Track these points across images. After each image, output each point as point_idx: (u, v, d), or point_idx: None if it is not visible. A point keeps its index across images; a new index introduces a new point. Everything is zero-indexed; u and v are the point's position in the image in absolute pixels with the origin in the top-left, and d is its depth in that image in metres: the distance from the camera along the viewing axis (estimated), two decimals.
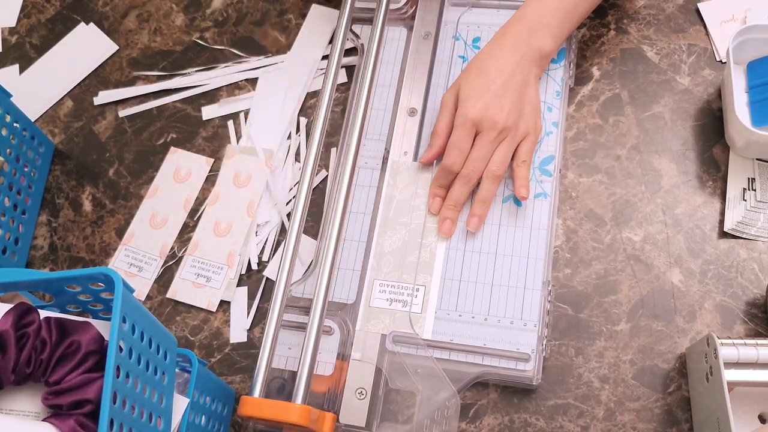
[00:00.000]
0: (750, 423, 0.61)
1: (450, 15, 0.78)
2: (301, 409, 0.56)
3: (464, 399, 0.65)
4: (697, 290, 0.67)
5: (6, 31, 0.88)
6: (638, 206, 0.71)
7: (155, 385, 0.52)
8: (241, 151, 0.78)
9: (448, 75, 0.76)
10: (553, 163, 0.70)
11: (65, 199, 0.79)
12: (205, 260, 0.73)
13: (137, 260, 0.74)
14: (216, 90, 0.81)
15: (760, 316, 0.65)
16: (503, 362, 0.64)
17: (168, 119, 0.81)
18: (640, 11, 0.79)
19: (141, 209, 0.77)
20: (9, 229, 0.73)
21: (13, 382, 0.49)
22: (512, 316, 0.65)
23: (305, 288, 0.69)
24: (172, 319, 0.72)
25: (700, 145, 0.72)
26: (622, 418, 0.63)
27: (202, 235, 0.74)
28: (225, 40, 0.84)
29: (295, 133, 0.78)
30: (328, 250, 0.62)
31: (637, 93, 0.75)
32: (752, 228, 0.68)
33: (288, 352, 0.66)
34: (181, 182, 0.77)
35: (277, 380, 0.66)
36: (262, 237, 0.74)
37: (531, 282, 0.66)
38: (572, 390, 0.65)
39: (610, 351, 0.66)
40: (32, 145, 0.77)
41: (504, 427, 0.64)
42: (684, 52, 0.76)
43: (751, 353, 0.58)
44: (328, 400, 0.64)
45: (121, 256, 0.75)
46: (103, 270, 0.49)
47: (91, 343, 0.50)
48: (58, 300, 0.55)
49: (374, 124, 0.75)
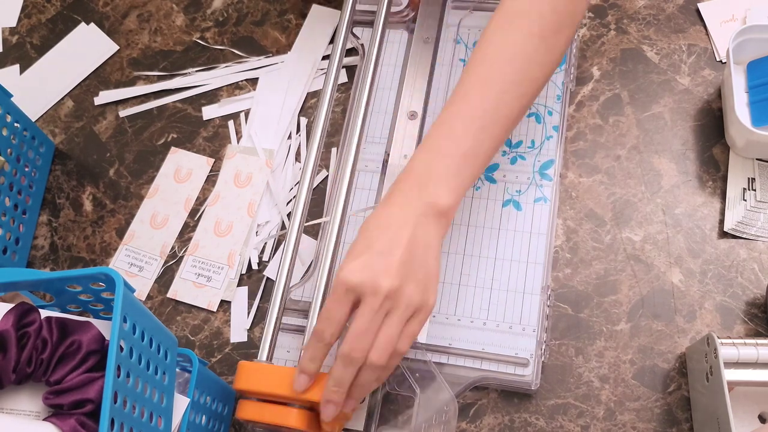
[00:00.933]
0: (750, 423, 0.61)
1: (451, 18, 0.78)
2: (299, 412, 0.56)
3: (464, 399, 0.65)
4: (697, 290, 0.67)
5: (6, 31, 0.89)
6: (638, 206, 0.71)
7: (156, 385, 0.52)
8: (241, 151, 0.78)
9: (449, 78, 0.76)
10: (553, 167, 0.70)
11: (66, 199, 0.79)
12: (206, 260, 0.73)
13: (138, 260, 0.74)
14: (216, 90, 0.82)
15: (760, 316, 0.65)
16: (502, 367, 0.64)
17: (168, 119, 0.81)
18: (640, 11, 0.79)
19: (141, 209, 0.77)
20: (9, 229, 0.73)
21: (14, 382, 0.50)
22: (511, 321, 0.65)
23: (304, 291, 0.69)
24: (172, 318, 0.72)
25: (700, 145, 0.72)
26: (622, 418, 0.63)
27: (202, 235, 0.74)
28: (225, 40, 0.84)
29: (296, 133, 0.78)
30: (328, 252, 0.62)
31: (637, 93, 0.75)
32: (752, 228, 0.68)
33: (287, 356, 0.66)
34: (182, 182, 0.77)
35: None
36: (262, 237, 0.74)
37: (530, 286, 0.66)
38: (572, 390, 0.65)
39: (610, 351, 0.66)
40: (33, 145, 0.78)
41: (504, 426, 0.64)
42: (684, 52, 0.76)
43: (751, 353, 0.58)
44: None
45: (121, 255, 0.75)
46: (103, 270, 0.49)
47: (91, 343, 0.50)
48: (59, 300, 0.55)
49: (374, 127, 0.75)
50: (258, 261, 0.73)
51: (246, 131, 0.79)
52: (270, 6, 0.85)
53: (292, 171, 0.76)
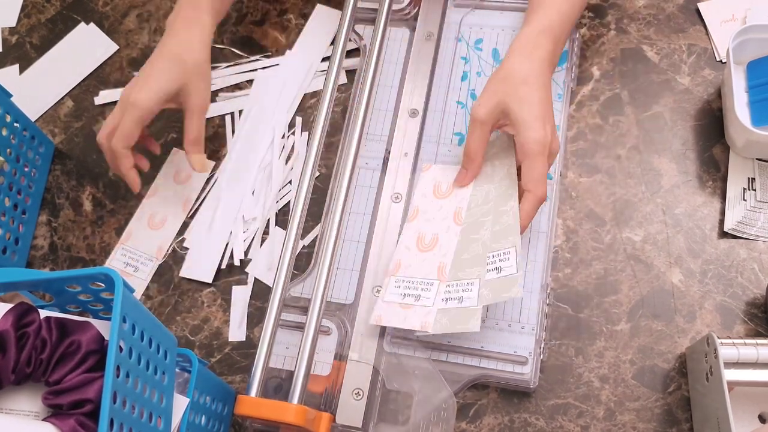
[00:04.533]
0: (750, 423, 0.61)
1: (453, 16, 0.78)
2: (298, 409, 0.56)
3: (464, 399, 0.65)
4: (697, 290, 0.67)
5: (6, 31, 0.89)
6: (638, 206, 0.71)
7: (155, 385, 0.52)
8: (236, 150, 0.78)
9: (450, 76, 0.76)
10: (554, 166, 0.70)
11: (65, 199, 0.79)
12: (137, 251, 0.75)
13: (134, 260, 0.74)
14: (217, 90, 0.81)
15: (760, 316, 0.65)
16: (501, 365, 0.64)
17: (168, 119, 0.81)
18: (640, 11, 0.79)
19: (139, 209, 0.77)
20: (9, 229, 0.73)
21: (13, 382, 0.50)
22: (510, 319, 0.65)
23: (304, 288, 0.69)
24: (172, 319, 0.72)
25: (700, 145, 0.72)
26: (622, 418, 0.63)
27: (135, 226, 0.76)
28: (225, 39, 0.84)
29: (288, 132, 0.78)
30: (327, 250, 0.62)
31: (637, 93, 0.75)
32: (752, 228, 0.68)
33: (286, 352, 0.66)
34: (182, 183, 0.77)
35: (274, 380, 0.66)
36: (249, 234, 0.74)
37: (529, 285, 0.66)
38: (572, 390, 0.65)
39: (610, 351, 0.66)
40: (32, 145, 0.78)
41: (504, 426, 0.64)
42: (684, 52, 0.76)
43: (751, 353, 0.58)
44: (325, 400, 0.64)
45: (117, 255, 0.75)
46: (103, 270, 0.49)
47: (91, 343, 0.50)
48: (58, 300, 0.55)
49: (375, 125, 0.75)
50: (242, 258, 0.73)
51: (238, 130, 0.79)
52: (270, 6, 0.85)
53: (282, 170, 0.76)
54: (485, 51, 0.76)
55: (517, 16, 0.76)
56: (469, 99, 0.74)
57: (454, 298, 0.62)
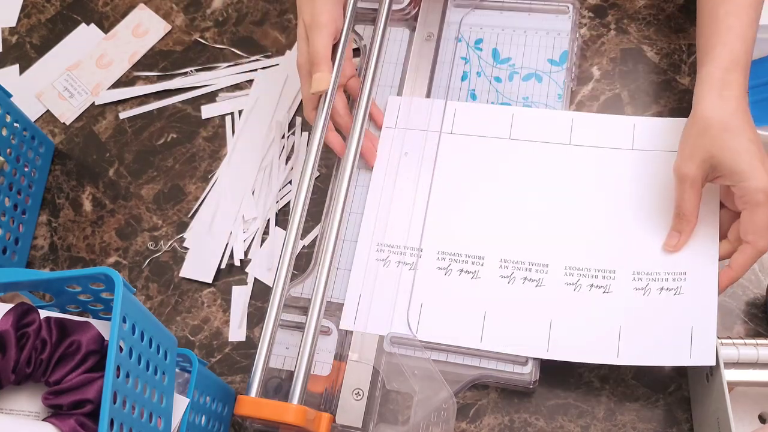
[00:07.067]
0: (750, 423, 0.61)
1: (453, 16, 0.78)
2: (297, 409, 0.56)
3: (464, 399, 0.65)
4: None
5: (6, 31, 0.89)
6: None
7: (155, 385, 0.52)
8: (236, 150, 0.78)
9: (450, 77, 0.75)
10: None
11: (65, 199, 0.79)
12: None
13: (71, 87, 0.80)
14: (217, 90, 0.81)
15: (760, 316, 0.65)
16: (501, 365, 0.63)
17: (168, 119, 0.81)
18: (640, 11, 0.78)
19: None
20: (9, 229, 0.73)
21: (13, 382, 0.50)
22: None
23: (304, 288, 0.69)
24: (172, 319, 0.72)
25: None
26: (622, 418, 0.63)
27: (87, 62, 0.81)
28: (225, 40, 0.84)
29: (288, 132, 0.78)
30: (327, 250, 0.62)
31: (637, 93, 0.75)
32: None
33: (286, 352, 0.66)
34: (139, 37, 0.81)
35: (274, 380, 0.66)
36: (249, 234, 0.74)
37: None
38: (572, 390, 0.65)
39: None
40: (32, 145, 0.78)
41: (504, 427, 0.64)
42: (684, 52, 0.76)
43: (751, 353, 0.58)
44: (324, 400, 0.64)
45: (61, 79, 0.82)
46: (103, 270, 0.49)
47: (91, 343, 0.50)
48: (58, 300, 0.55)
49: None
50: (242, 258, 0.73)
51: (238, 129, 0.79)
52: (270, 6, 0.85)
53: (283, 170, 0.76)
54: (485, 51, 0.76)
55: (518, 16, 0.76)
56: (470, 99, 0.74)
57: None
